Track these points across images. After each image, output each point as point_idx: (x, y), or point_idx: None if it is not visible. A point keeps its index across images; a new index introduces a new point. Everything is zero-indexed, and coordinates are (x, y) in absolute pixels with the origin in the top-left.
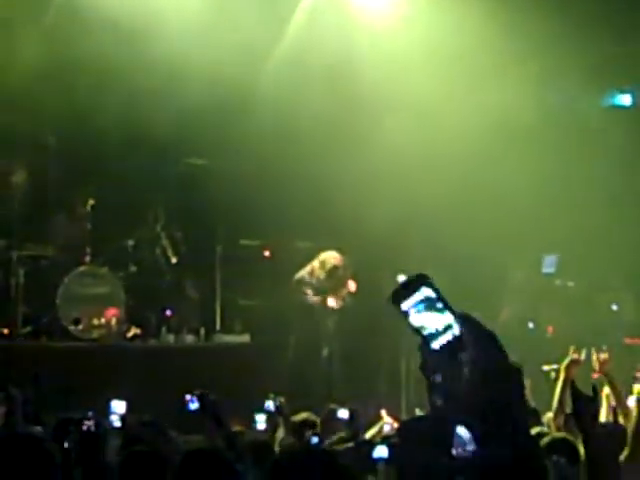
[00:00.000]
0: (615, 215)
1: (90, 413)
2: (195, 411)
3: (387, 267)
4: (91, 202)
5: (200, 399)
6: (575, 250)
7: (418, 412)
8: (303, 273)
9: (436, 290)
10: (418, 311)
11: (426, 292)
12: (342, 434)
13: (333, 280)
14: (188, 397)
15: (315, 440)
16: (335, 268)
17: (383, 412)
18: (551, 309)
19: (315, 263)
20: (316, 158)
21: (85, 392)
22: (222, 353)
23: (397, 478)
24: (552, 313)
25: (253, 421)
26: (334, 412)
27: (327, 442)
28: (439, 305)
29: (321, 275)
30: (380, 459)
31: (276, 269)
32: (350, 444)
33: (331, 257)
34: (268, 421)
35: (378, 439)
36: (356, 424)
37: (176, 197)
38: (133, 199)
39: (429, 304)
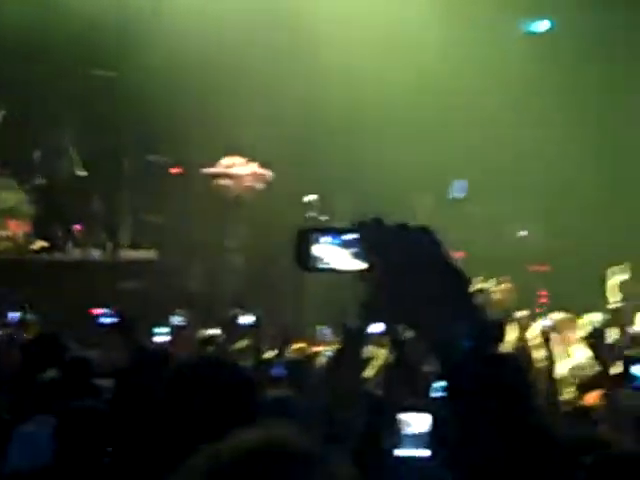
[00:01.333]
0: (529, 143)
1: None
2: (105, 325)
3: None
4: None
5: (114, 315)
6: (486, 176)
7: (320, 329)
8: None
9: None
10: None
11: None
12: (245, 342)
13: None
14: (100, 311)
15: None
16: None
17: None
18: (459, 235)
19: None
20: (228, 72)
21: None
22: (128, 268)
23: None
24: (460, 239)
25: (154, 334)
26: (236, 317)
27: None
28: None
29: None
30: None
31: (186, 186)
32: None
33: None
34: (173, 335)
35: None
36: (259, 332)
37: (84, 110)
38: (41, 111)
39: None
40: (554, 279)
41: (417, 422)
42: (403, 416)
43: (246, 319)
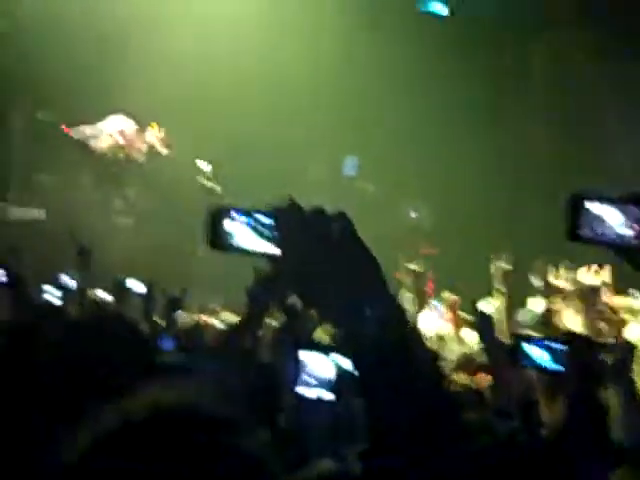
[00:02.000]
0: (421, 120)
1: None
2: None
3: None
4: None
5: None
6: (377, 152)
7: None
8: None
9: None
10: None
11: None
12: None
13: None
14: None
15: None
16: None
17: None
18: (351, 213)
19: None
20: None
21: None
22: (17, 227)
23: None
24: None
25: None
26: (124, 282)
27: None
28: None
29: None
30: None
31: (74, 145)
32: None
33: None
34: (64, 297)
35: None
36: (150, 300)
37: None
38: None
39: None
40: (442, 262)
41: (318, 364)
42: (303, 355)
43: (136, 285)
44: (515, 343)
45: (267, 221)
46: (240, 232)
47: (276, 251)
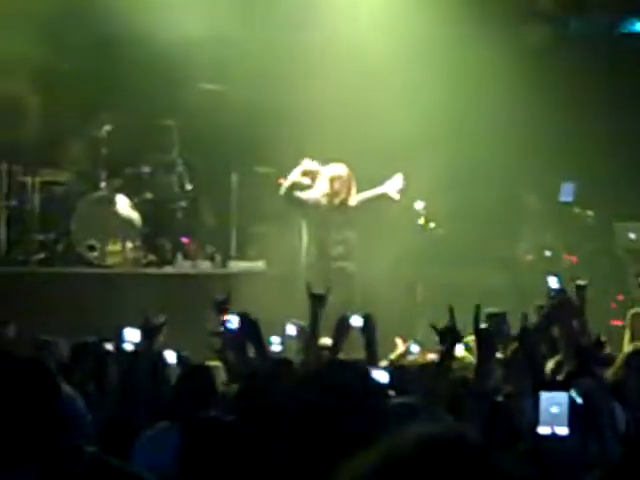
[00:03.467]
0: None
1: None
2: (233, 331)
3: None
4: (107, 128)
5: (241, 319)
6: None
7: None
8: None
9: None
10: None
11: None
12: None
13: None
14: (227, 317)
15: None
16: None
17: (398, 340)
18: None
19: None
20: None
21: (98, 319)
22: (238, 280)
23: None
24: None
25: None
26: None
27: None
28: None
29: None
30: None
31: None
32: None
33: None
34: (287, 345)
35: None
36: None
37: (192, 122)
38: (148, 124)
39: None
40: None
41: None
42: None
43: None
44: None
45: None
46: None
47: None
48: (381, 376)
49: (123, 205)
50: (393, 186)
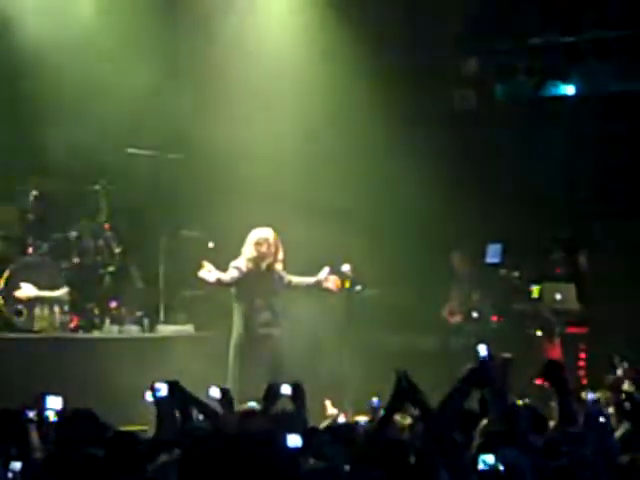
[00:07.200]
0: None
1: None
2: (161, 400)
3: None
4: (34, 193)
5: (169, 387)
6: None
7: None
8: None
9: None
10: None
11: None
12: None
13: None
14: (156, 385)
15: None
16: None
17: (327, 403)
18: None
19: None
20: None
21: (23, 386)
22: (166, 344)
23: None
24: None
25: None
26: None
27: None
28: None
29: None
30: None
31: (218, 259)
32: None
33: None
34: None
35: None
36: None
37: (119, 187)
38: (75, 190)
39: None
40: None
41: None
42: None
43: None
44: None
45: None
46: None
47: None
48: (295, 441)
49: (50, 270)
50: (324, 278)
